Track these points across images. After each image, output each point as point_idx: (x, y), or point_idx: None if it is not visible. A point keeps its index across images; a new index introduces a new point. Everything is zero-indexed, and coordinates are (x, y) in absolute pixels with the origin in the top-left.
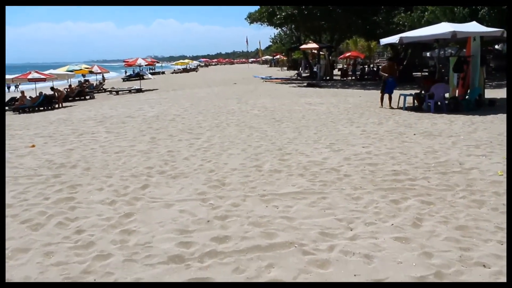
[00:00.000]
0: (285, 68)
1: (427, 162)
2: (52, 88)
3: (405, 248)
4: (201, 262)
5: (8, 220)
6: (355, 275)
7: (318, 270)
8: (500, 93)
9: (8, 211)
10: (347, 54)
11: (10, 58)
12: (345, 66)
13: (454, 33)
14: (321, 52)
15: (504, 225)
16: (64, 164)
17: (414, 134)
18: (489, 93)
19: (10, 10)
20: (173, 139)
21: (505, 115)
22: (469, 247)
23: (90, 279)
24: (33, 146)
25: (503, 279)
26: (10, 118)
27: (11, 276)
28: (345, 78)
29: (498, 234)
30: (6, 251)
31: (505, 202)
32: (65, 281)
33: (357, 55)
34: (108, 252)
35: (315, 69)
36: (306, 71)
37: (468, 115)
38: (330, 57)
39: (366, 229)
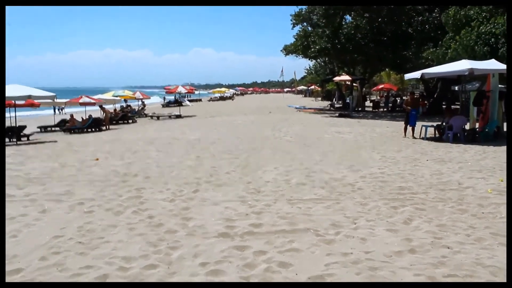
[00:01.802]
0: (319, 98)
1: (431, 181)
2: (101, 106)
3: (393, 236)
4: (242, 238)
5: (95, 208)
6: (351, 249)
7: (325, 245)
8: None
9: (93, 203)
10: (380, 86)
11: (53, 83)
12: (378, 97)
13: (471, 70)
14: (354, 84)
15: (477, 225)
16: (127, 174)
17: (427, 160)
18: None
19: (53, 38)
20: (215, 158)
21: None
22: (441, 237)
23: (164, 244)
24: (97, 159)
25: (459, 255)
26: (66, 137)
27: (109, 239)
28: (376, 110)
29: (469, 230)
30: (99, 227)
31: (484, 211)
32: (147, 245)
33: (390, 87)
34: (175, 230)
35: (347, 100)
36: (340, 102)
37: (484, 145)
38: (364, 89)
39: (367, 223)
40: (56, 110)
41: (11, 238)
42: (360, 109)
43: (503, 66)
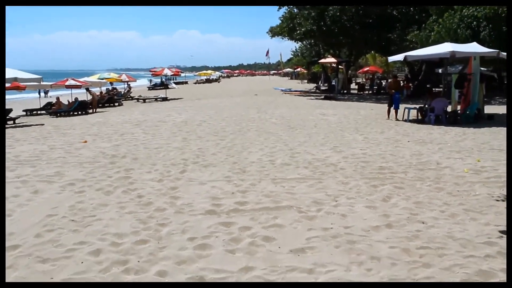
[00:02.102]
0: (305, 81)
1: (411, 161)
2: (87, 89)
3: (371, 212)
4: (228, 214)
5: (85, 188)
6: (331, 224)
7: (307, 221)
8: (505, 109)
9: (83, 183)
10: (366, 69)
11: (38, 64)
12: (364, 80)
13: (453, 53)
14: (339, 66)
15: (451, 202)
16: (115, 155)
17: (408, 141)
18: (495, 109)
19: (37, 19)
20: (202, 139)
21: (498, 128)
22: (417, 213)
23: (153, 221)
24: (85, 141)
25: (433, 229)
26: (53, 120)
27: (100, 217)
28: (361, 92)
29: (443, 207)
30: (91, 206)
31: (459, 189)
32: (137, 222)
33: (376, 69)
34: (163, 208)
35: (333, 83)
36: (325, 84)
37: (464, 127)
38: (349, 72)
39: (347, 201)
40: (41, 93)
41: (6, 217)
42: (345, 91)
43: (484, 49)
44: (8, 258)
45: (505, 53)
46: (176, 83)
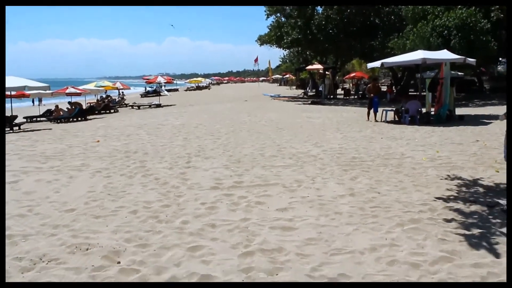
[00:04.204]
0: (294, 87)
1: (379, 153)
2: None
3: (340, 187)
4: (228, 189)
5: (111, 174)
6: (308, 194)
7: (289, 192)
8: (479, 111)
9: (108, 171)
10: (352, 75)
11: (25, 73)
12: (351, 85)
13: (424, 60)
14: (326, 73)
15: (405, 180)
16: (128, 151)
17: (381, 138)
18: (469, 111)
19: (23, 26)
20: (200, 139)
21: (465, 127)
22: (376, 187)
23: (171, 194)
24: (98, 141)
25: (385, 197)
26: (57, 125)
27: (130, 192)
28: (347, 97)
29: (397, 183)
30: (120, 185)
31: (414, 172)
32: (159, 195)
33: (362, 75)
34: (177, 186)
35: (320, 88)
36: (313, 90)
37: (435, 126)
38: (337, 77)
39: (322, 180)
40: (35, 101)
41: (55, 193)
42: (332, 96)
43: (453, 56)
44: (69, 216)
45: (471, 59)
46: (168, 90)
